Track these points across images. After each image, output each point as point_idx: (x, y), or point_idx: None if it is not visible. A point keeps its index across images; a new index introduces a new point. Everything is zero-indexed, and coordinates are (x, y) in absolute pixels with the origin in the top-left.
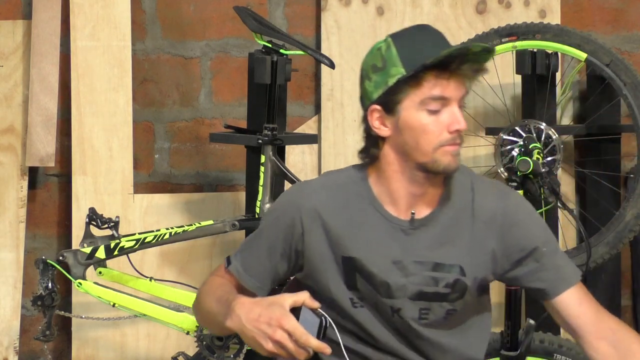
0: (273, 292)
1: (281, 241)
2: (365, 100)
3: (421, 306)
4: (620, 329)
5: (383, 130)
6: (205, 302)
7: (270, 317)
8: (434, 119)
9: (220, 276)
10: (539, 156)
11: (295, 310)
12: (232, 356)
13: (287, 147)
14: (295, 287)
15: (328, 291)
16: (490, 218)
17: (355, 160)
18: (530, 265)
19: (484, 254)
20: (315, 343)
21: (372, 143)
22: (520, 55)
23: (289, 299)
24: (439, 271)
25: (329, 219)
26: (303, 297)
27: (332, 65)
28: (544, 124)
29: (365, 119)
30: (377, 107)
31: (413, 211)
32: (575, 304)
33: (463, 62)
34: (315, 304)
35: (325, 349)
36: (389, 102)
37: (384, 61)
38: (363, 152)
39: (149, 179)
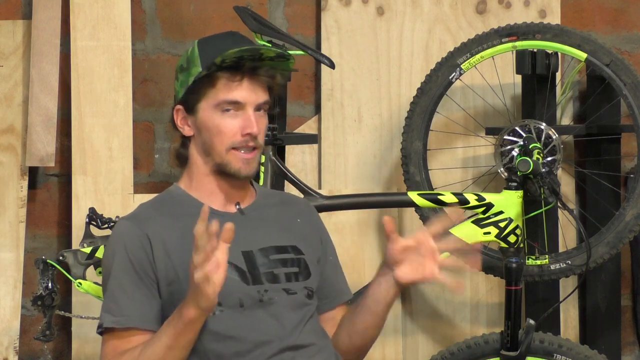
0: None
1: (141, 272)
2: (174, 100)
3: (284, 287)
4: None
5: (187, 130)
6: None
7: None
8: (228, 121)
9: (112, 353)
10: (539, 156)
11: None
12: None
13: (287, 147)
14: None
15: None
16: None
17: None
18: None
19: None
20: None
21: (182, 144)
22: (520, 55)
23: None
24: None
25: (164, 239)
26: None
27: (332, 65)
28: (544, 124)
29: (172, 119)
30: (180, 107)
31: (237, 202)
32: None
33: (257, 66)
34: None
35: None
36: (190, 102)
37: (188, 62)
38: (176, 155)
39: (149, 179)
